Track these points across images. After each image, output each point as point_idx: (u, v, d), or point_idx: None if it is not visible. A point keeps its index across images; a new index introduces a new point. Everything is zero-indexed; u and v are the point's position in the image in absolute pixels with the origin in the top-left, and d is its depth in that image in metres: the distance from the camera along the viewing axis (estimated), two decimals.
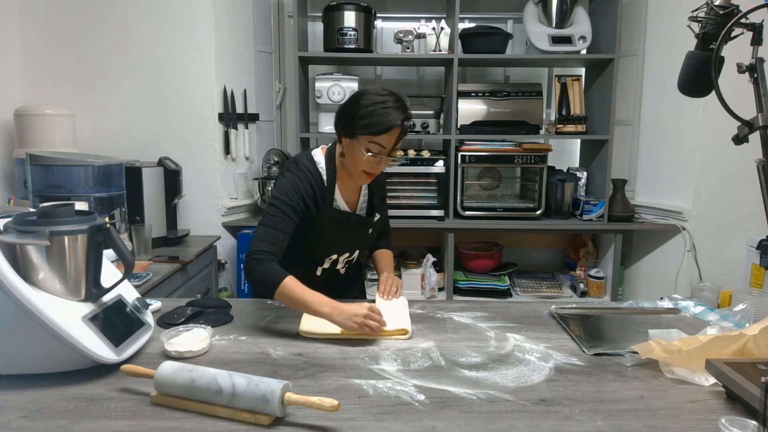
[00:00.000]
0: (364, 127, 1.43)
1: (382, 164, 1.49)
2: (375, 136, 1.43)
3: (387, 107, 1.42)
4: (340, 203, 1.60)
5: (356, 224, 1.65)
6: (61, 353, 1.06)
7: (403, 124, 1.43)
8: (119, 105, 2.78)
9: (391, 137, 1.44)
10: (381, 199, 1.75)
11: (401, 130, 1.44)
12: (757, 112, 1.13)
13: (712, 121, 2.61)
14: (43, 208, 1.16)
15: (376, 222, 1.70)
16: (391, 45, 3.12)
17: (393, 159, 1.50)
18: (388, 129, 1.42)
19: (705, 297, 2.36)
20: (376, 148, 1.44)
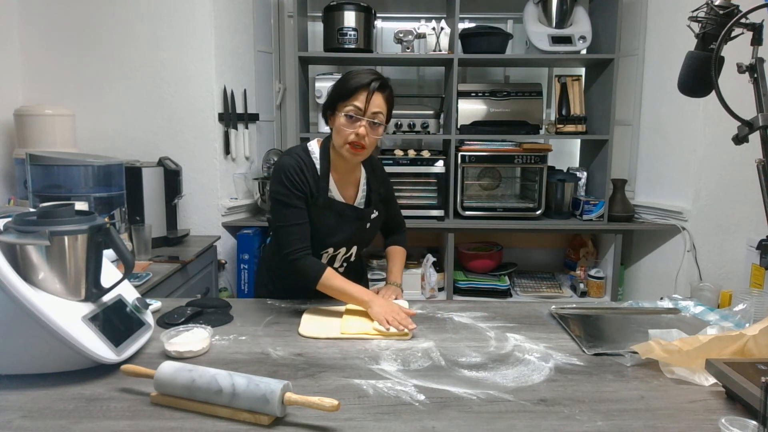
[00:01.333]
0: (337, 95, 1.52)
1: (362, 129, 1.48)
2: (347, 100, 1.50)
3: (357, 73, 1.52)
4: (335, 194, 1.61)
5: (352, 216, 1.63)
6: (61, 353, 1.06)
7: (371, 83, 1.48)
8: (119, 105, 2.78)
9: (362, 97, 1.48)
10: (386, 196, 1.74)
11: (370, 89, 1.48)
12: (757, 112, 1.13)
13: (712, 121, 2.61)
14: (43, 208, 1.16)
15: (375, 218, 1.69)
16: (391, 45, 3.12)
17: (374, 122, 1.50)
18: (357, 88, 1.49)
19: (705, 297, 2.35)
20: (352, 109, 1.49)
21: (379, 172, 1.74)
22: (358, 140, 1.49)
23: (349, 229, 1.63)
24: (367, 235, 1.71)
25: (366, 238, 1.72)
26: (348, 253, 1.70)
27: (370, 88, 1.48)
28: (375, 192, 1.69)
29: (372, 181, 1.69)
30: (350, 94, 1.49)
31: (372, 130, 1.50)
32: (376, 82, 1.49)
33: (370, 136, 1.50)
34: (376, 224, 1.72)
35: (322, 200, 1.56)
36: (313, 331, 1.37)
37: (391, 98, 1.56)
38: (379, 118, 1.51)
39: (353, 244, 1.69)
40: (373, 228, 1.71)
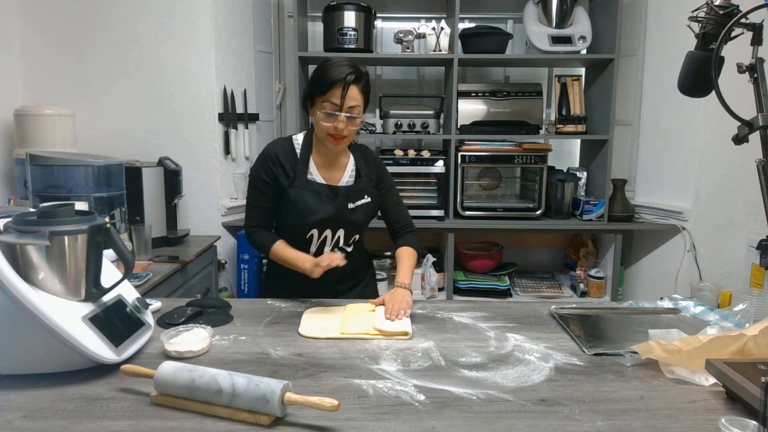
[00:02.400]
0: (314, 88, 1.56)
1: (341, 124, 1.54)
2: (323, 95, 1.53)
3: (331, 66, 1.54)
4: (316, 176, 1.66)
5: (330, 195, 1.64)
6: (61, 353, 1.06)
7: (346, 78, 1.51)
8: (119, 105, 2.78)
9: (338, 92, 1.51)
10: (380, 184, 1.73)
11: (345, 84, 1.51)
12: (757, 112, 1.13)
13: (712, 121, 2.61)
14: (43, 208, 1.16)
15: (364, 204, 1.68)
16: (391, 45, 3.12)
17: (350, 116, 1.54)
18: (332, 84, 1.51)
19: (705, 297, 2.36)
20: (329, 106, 1.53)
21: (371, 160, 1.75)
22: (338, 133, 1.56)
23: (328, 208, 1.63)
24: (352, 218, 1.66)
25: (352, 220, 1.66)
26: (335, 237, 1.68)
27: (345, 83, 1.51)
28: (365, 177, 1.70)
29: (362, 166, 1.70)
30: (327, 89, 1.53)
31: (350, 122, 1.55)
32: (350, 75, 1.52)
33: (348, 127, 1.56)
34: (367, 210, 1.69)
35: (299, 182, 1.63)
36: (313, 330, 1.37)
37: (368, 86, 1.59)
38: (356, 111, 1.55)
39: (338, 227, 1.67)
40: (362, 213, 1.68)
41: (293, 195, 1.62)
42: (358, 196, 1.67)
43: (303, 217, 1.63)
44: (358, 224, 1.70)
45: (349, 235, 1.71)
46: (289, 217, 1.65)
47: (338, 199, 1.65)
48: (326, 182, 1.66)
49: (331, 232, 1.67)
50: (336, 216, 1.64)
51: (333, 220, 1.65)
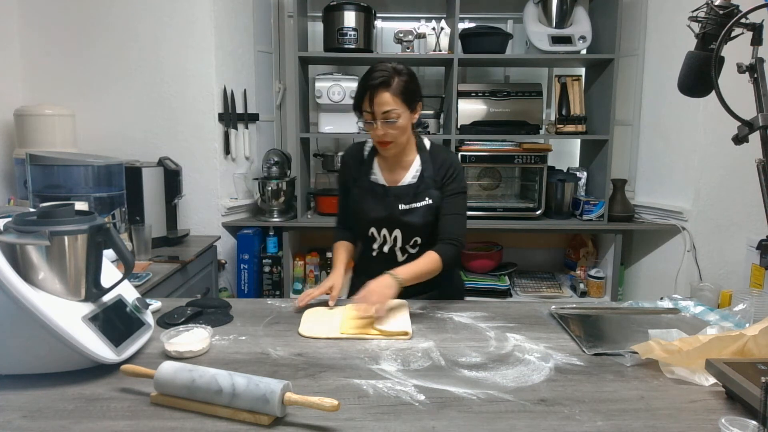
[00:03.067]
0: (354, 99, 1.61)
1: (378, 131, 1.56)
2: (360, 105, 1.58)
3: (366, 74, 1.57)
4: (379, 177, 1.69)
5: (386, 196, 1.66)
6: (61, 353, 1.06)
7: (370, 85, 1.53)
8: (119, 105, 2.78)
9: (368, 102, 1.55)
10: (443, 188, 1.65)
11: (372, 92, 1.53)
12: (757, 112, 1.13)
13: (712, 121, 2.61)
14: (43, 208, 1.16)
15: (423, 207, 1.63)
16: (391, 45, 3.12)
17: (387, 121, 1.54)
18: (362, 94, 1.56)
19: (705, 297, 2.36)
20: (365, 115, 1.57)
21: (441, 163, 1.67)
22: (381, 139, 1.58)
23: (382, 207, 1.66)
24: (407, 219, 1.64)
25: (406, 221, 1.64)
26: (392, 237, 1.68)
27: (371, 91, 1.53)
28: (429, 179, 1.65)
29: (427, 168, 1.66)
30: (359, 100, 1.57)
31: (389, 127, 1.55)
32: (376, 81, 1.52)
33: (390, 132, 1.56)
34: (426, 213, 1.63)
35: (362, 182, 1.70)
36: (313, 330, 1.37)
37: (406, 86, 1.56)
38: (391, 115, 1.54)
39: (393, 227, 1.67)
40: (420, 215, 1.63)
41: (354, 195, 1.71)
42: (415, 198, 1.64)
43: (359, 216, 1.70)
44: (415, 226, 1.65)
45: (408, 236, 1.68)
46: (353, 215, 1.73)
47: (389, 199, 1.65)
48: (387, 183, 1.67)
49: (387, 232, 1.68)
50: (388, 217, 1.66)
51: (386, 220, 1.67)
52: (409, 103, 1.57)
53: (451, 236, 1.63)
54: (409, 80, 1.57)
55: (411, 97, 1.58)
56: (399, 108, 1.55)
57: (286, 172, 3.04)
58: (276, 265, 2.98)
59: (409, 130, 1.64)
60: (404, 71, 1.57)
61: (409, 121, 1.60)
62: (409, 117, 1.59)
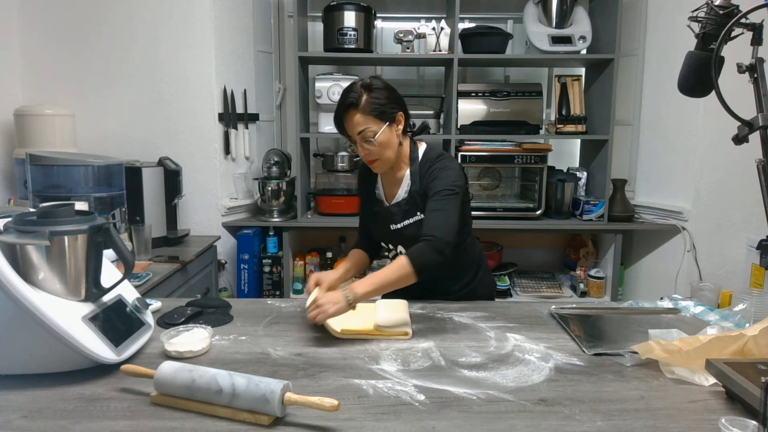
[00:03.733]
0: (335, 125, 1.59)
1: (362, 150, 1.55)
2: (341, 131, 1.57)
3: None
4: (381, 191, 1.70)
5: (380, 214, 1.67)
6: (61, 353, 1.06)
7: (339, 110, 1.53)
8: (119, 105, 2.78)
9: (342, 125, 1.55)
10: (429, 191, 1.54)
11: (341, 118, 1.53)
12: (757, 112, 1.13)
13: (712, 121, 2.61)
14: (43, 208, 1.16)
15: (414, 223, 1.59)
16: (391, 45, 3.12)
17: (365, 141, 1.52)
18: (337, 120, 1.55)
19: (705, 297, 2.36)
20: (347, 138, 1.58)
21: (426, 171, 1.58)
22: (365, 158, 1.57)
23: (380, 227, 1.68)
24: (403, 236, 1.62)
25: (406, 237, 1.60)
26: (397, 249, 1.69)
27: (340, 117, 1.54)
28: (415, 194, 1.59)
29: (415, 181, 1.60)
30: (337, 124, 1.56)
31: (369, 145, 1.52)
32: (344, 104, 1.52)
33: (372, 149, 1.53)
34: (418, 228, 1.55)
35: (369, 196, 1.72)
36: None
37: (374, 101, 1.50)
38: (367, 134, 1.50)
39: (396, 243, 1.68)
40: (414, 231, 1.57)
41: (365, 210, 1.75)
42: (405, 215, 1.61)
43: (370, 229, 1.75)
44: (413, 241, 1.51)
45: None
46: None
47: (383, 219, 1.66)
48: (386, 199, 1.69)
49: (392, 246, 1.70)
50: (387, 235, 1.68)
51: (388, 237, 1.69)
52: (383, 117, 1.51)
53: (425, 234, 1.46)
54: (379, 95, 1.51)
55: (383, 110, 1.51)
56: (373, 125, 1.50)
57: (286, 172, 3.04)
58: (276, 265, 2.98)
59: (395, 144, 1.56)
60: (375, 86, 1.52)
61: (391, 134, 1.53)
62: (388, 131, 1.52)
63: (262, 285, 2.99)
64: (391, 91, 1.57)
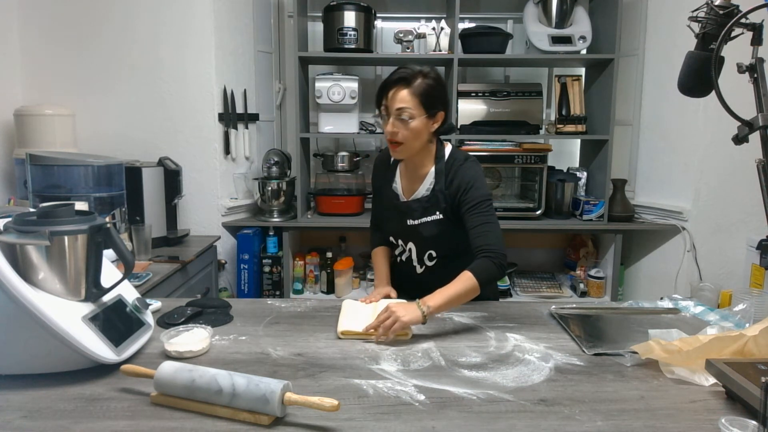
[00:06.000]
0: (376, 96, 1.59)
1: (389, 126, 1.53)
2: (380, 100, 1.57)
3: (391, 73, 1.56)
4: (398, 186, 1.69)
5: (395, 209, 1.67)
6: (61, 353, 1.06)
7: (392, 80, 1.53)
8: (119, 105, 2.78)
9: (385, 96, 1.54)
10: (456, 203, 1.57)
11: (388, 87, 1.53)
12: (757, 112, 1.13)
13: (712, 121, 2.61)
14: (43, 208, 1.16)
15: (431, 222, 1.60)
16: (391, 45, 3.12)
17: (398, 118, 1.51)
18: (382, 87, 1.55)
19: (705, 297, 2.36)
20: (382, 108, 1.57)
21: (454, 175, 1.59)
22: (391, 137, 1.54)
23: (397, 220, 1.68)
24: (419, 233, 1.62)
25: (419, 235, 1.62)
26: (407, 248, 1.68)
27: (389, 85, 1.53)
28: (439, 193, 1.59)
29: (440, 180, 1.60)
30: (379, 94, 1.56)
31: (402, 125, 1.52)
32: (399, 77, 1.52)
33: (402, 132, 1.52)
34: (436, 228, 1.59)
35: (386, 190, 1.71)
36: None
37: (426, 87, 1.51)
38: (405, 113, 1.50)
39: (408, 240, 1.68)
40: (430, 230, 1.60)
41: (377, 202, 1.77)
42: (425, 213, 1.61)
43: (382, 223, 1.77)
44: (427, 240, 1.62)
45: (421, 249, 1.66)
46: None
47: (400, 213, 1.66)
48: (404, 193, 1.67)
49: (402, 242, 1.70)
50: (401, 230, 1.68)
51: (400, 233, 1.69)
52: (427, 106, 1.51)
53: (483, 249, 1.47)
54: (433, 84, 1.52)
55: (431, 101, 1.52)
56: (415, 109, 1.50)
57: (286, 172, 3.04)
58: (276, 265, 2.98)
59: (424, 138, 1.56)
60: (431, 75, 1.53)
61: (426, 127, 1.53)
62: (425, 122, 1.52)
63: (262, 285, 2.99)
64: (443, 88, 1.59)
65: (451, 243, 1.63)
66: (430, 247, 1.66)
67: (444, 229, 1.60)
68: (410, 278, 1.70)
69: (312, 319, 1.48)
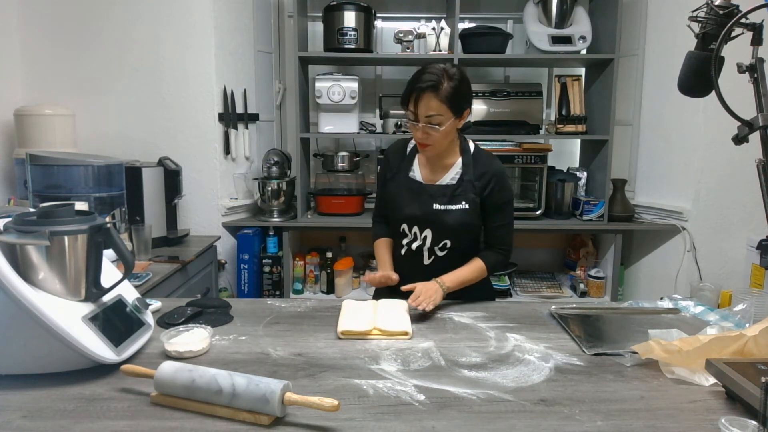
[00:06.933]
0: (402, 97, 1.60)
1: (418, 132, 1.56)
2: (406, 104, 1.58)
3: (418, 73, 1.56)
4: (417, 174, 1.70)
5: (420, 192, 1.66)
6: (61, 353, 1.06)
7: (418, 87, 1.52)
8: (119, 105, 2.78)
9: (413, 103, 1.54)
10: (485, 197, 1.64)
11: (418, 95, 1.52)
12: (757, 112, 1.13)
13: (712, 121, 2.61)
14: (43, 208, 1.16)
15: (458, 210, 1.62)
16: (391, 45, 3.12)
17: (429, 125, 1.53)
18: (408, 93, 1.55)
19: (705, 297, 2.35)
20: (409, 114, 1.57)
21: (484, 169, 1.64)
22: (421, 141, 1.58)
23: (417, 205, 1.65)
24: (440, 219, 1.63)
25: (440, 222, 1.63)
26: (422, 236, 1.67)
27: (417, 93, 1.52)
28: (468, 183, 1.64)
29: (468, 171, 1.64)
30: (406, 98, 1.56)
31: (431, 131, 1.54)
32: (425, 84, 1.51)
33: (432, 135, 1.55)
34: (461, 217, 1.63)
35: (401, 177, 1.70)
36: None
37: (453, 90, 1.52)
38: (434, 120, 1.52)
39: (425, 226, 1.66)
40: (454, 218, 1.62)
41: (391, 189, 1.71)
42: (451, 200, 1.63)
43: (394, 211, 1.71)
44: (447, 228, 1.64)
45: (438, 238, 1.66)
46: (387, 209, 1.75)
47: (424, 197, 1.65)
48: (425, 181, 1.68)
49: (418, 230, 1.68)
50: (422, 215, 1.65)
51: (419, 218, 1.66)
52: (455, 109, 1.54)
53: (500, 245, 1.71)
54: (459, 85, 1.53)
55: (459, 103, 1.54)
56: (444, 114, 1.52)
57: (286, 172, 3.04)
58: (276, 265, 2.98)
59: (452, 135, 1.61)
60: (456, 75, 1.53)
61: (454, 126, 1.57)
62: (453, 122, 1.56)
63: (262, 285, 2.99)
64: (468, 85, 1.59)
65: (469, 235, 1.69)
66: (447, 236, 1.66)
67: (467, 220, 1.65)
68: (414, 269, 1.66)
69: (312, 319, 1.48)
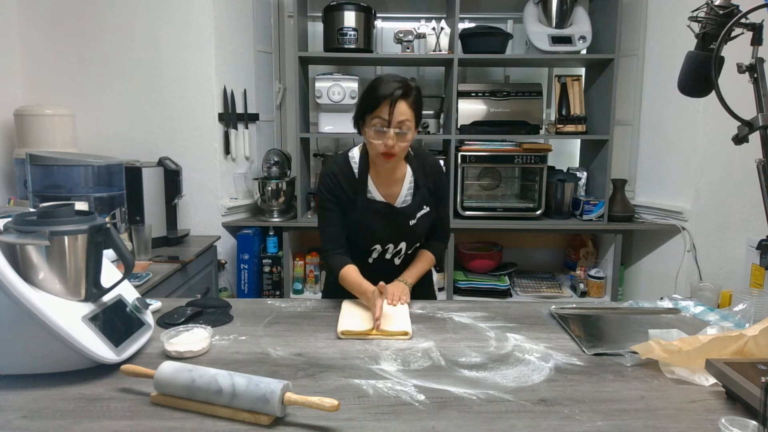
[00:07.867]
0: (363, 106, 1.56)
1: (390, 140, 1.51)
2: (372, 112, 1.52)
3: (380, 83, 1.53)
4: (375, 194, 1.65)
5: (391, 215, 1.65)
6: (61, 353, 1.06)
7: (393, 93, 1.49)
8: (119, 105, 2.78)
9: (386, 108, 1.50)
10: (435, 192, 1.71)
11: (392, 99, 1.49)
12: (757, 112, 1.13)
13: (712, 121, 2.61)
14: (43, 208, 1.16)
15: (423, 215, 1.68)
16: (391, 45, 3.12)
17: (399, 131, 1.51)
18: (380, 100, 1.50)
19: (705, 297, 2.36)
20: (378, 122, 1.52)
21: (430, 168, 1.71)
22: (388, 150, 1.53)
23: (389, 228, 1.66)
24: (414, 232, 1.69)
25: (414, 234, 1.70)
26: (397, 248, 1.71)
27: (392, 98, 1.50)
28: (423, 188, 1.68)
29: (420, 177, 1.68)
30: (375, 106, 1.52)
31: (400, 138, 1.53)
32: (398, 90, 1.50)
33: (399, 144, 1.53)
34: (425, 221, 1.69)
35: (361, 201, 1.63)
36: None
37: (418, 100, 1.56)
38: (405, 125, 1.52)
39: (400, 241, 1.70)
40: (421, 225, 1.69)
41: (358, 215, 1.64)
42: (417, 210, 1.67)
43: (366, 236, 1.67)
44: (421, 235, 1.73)
45: (411, 244, 1.73)
46: (353, 232, 1.67)
47: (398, 218, 1.66)
48: (385, 199, 1.65)
49: (393, 245, 1.70)
50: (401, 234, 1.68)
51: (394, 235, 1.68)
52: (418, 118, 1.58)
53: (443, 233, 1.81)
54: (419, 95, 1.57)
55: (420, 112, 1.58)
56: (411, 121, 1.54)
57: (286, 172, 3.04)
58: (276, 265, 2.98)
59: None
60: (416, 86, 1.56)
61: (413, 136, 1.59)
62: (414, 133, 1.58)
63: (262, 285, 2.99)
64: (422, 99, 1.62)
65: (429, 229, 1.75)
66: (419, 239, 1.74)
67: (431, 218, 1.72)
68: (385, 272, 1.64)
69: (312, 319, 1.48)
